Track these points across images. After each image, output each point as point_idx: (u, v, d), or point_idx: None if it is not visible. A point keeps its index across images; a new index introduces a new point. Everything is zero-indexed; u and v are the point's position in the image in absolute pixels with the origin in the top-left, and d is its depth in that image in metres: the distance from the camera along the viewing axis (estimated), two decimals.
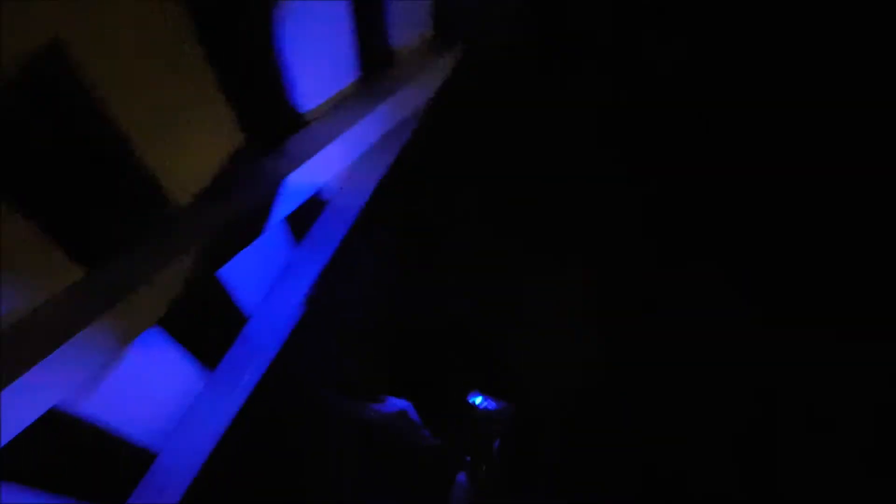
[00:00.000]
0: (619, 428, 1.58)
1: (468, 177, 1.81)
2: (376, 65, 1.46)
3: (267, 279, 1.62)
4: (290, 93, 1.28)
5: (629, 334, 1.64)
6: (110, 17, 0.88)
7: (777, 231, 1.65)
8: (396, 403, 1.49)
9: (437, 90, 1.63)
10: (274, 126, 1.28)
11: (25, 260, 0.91)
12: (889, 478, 1.39)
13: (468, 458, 1.47)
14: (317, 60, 1.29)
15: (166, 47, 0.98)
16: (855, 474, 1.43)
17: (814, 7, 1.54)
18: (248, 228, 1.24)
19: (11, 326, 0.95)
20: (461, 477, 1.46)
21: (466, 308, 1.71)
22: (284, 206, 1.34)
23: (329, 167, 1.42)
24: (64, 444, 1.23)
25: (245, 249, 1.30)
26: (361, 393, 1.53)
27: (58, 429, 1.16)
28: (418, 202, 1.80)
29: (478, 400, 1.53)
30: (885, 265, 1.54)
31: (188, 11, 0.99)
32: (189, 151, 1.10)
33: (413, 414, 1.48)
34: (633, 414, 1.58)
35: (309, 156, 1.33)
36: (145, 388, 1.34)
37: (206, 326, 1.45)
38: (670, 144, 1.73)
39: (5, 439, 1.01)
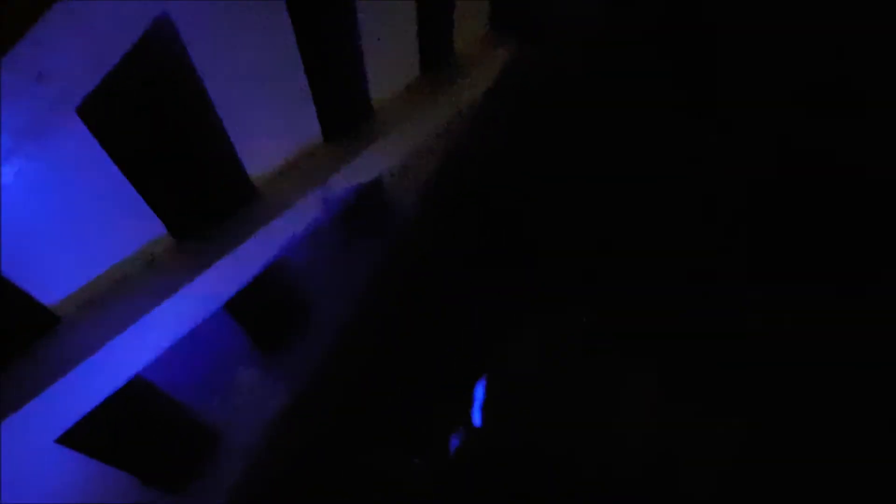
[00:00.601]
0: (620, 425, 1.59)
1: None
2: (435, 59, 1.51)
3: (321, 270, 1.66)
4: (361, 85, 1.33)
5: (633, 330, 1.67)
6: None
7: (779, 230, 1.67)
8: None
9: (489, 87, 1.68)
10: (345, 116, 1.33)
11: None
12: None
13: None
14: (383, 52, 1.34)
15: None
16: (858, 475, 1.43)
17: (814, 6, 1.56)
18: (317, 211, 1.29)
19: (106, 290, 1.00)
20: None
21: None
22: (346, 192, 1.39)
23: (386, 159, 1.47)
24: (132, 416, 1.26)
25: (307, 236, 1.34)
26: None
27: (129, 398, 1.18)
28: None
29: None
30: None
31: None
32: (273, 139, 1.16)
33: None
34: (633, 411, 1.59)
35: (371, 144, 1.38)
36: (208, 365, 1.37)
37: (270, 314, 1.49)
38: (670, 144, 1.77)
39: (87, 408, 1.05)
